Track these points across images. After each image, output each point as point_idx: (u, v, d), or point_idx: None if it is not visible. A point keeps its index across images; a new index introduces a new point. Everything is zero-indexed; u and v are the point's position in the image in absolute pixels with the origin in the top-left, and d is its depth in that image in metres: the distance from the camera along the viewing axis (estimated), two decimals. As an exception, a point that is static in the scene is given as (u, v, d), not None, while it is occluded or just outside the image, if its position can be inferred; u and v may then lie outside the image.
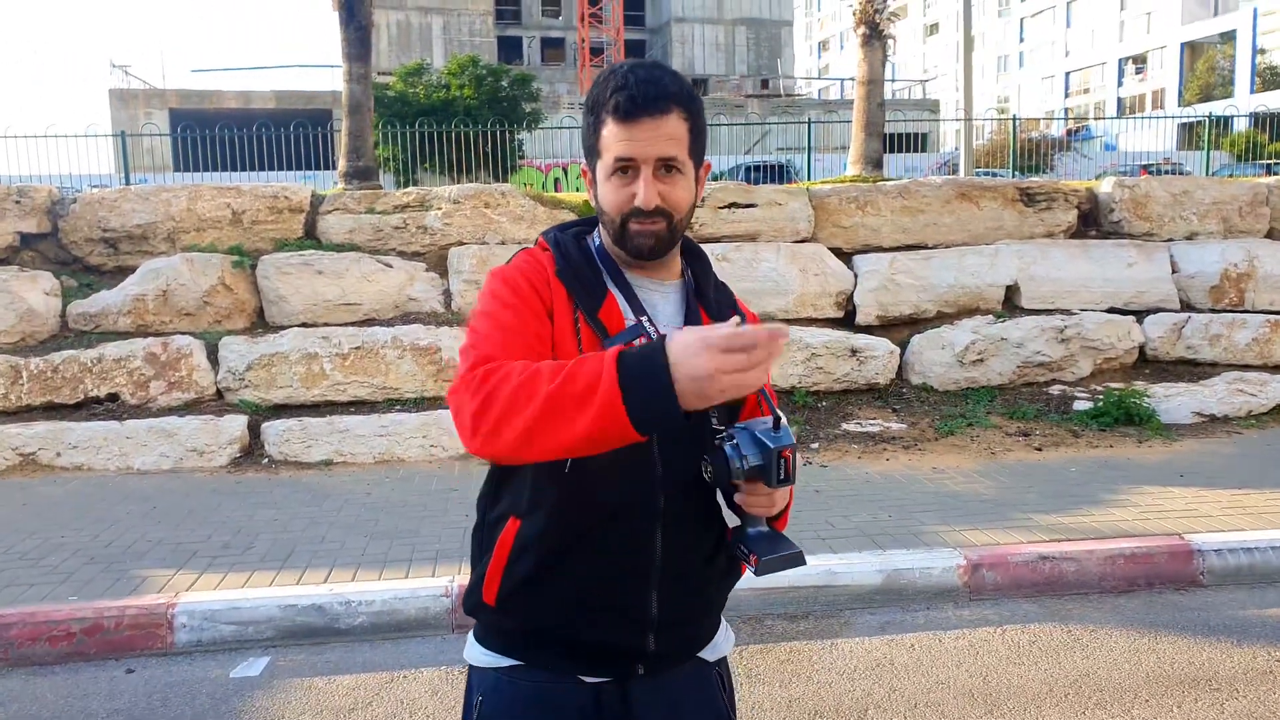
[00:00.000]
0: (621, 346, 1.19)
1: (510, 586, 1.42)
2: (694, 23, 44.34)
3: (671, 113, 1.37)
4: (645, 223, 1.39)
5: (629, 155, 1.36)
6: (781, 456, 1.33)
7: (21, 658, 3.70)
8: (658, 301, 1.47)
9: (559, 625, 1.42)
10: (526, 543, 1.40)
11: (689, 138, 1.39)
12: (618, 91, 1.36)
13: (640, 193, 1.37)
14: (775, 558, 1.39)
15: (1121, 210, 8.16)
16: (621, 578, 1.40)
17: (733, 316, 1.38)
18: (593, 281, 1.43)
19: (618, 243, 1.43)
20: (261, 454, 6.25)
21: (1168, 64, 55.79)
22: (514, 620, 1.45)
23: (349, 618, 3.91)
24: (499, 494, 1.47)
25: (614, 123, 1.37)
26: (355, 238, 7.57)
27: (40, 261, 7.37)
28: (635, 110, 1.35)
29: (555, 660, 1.44)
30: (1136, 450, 6.14)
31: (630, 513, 1.39)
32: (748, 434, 1.35)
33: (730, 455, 1.34)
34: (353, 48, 10.24)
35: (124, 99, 28.97)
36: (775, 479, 1.33)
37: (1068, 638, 3.77)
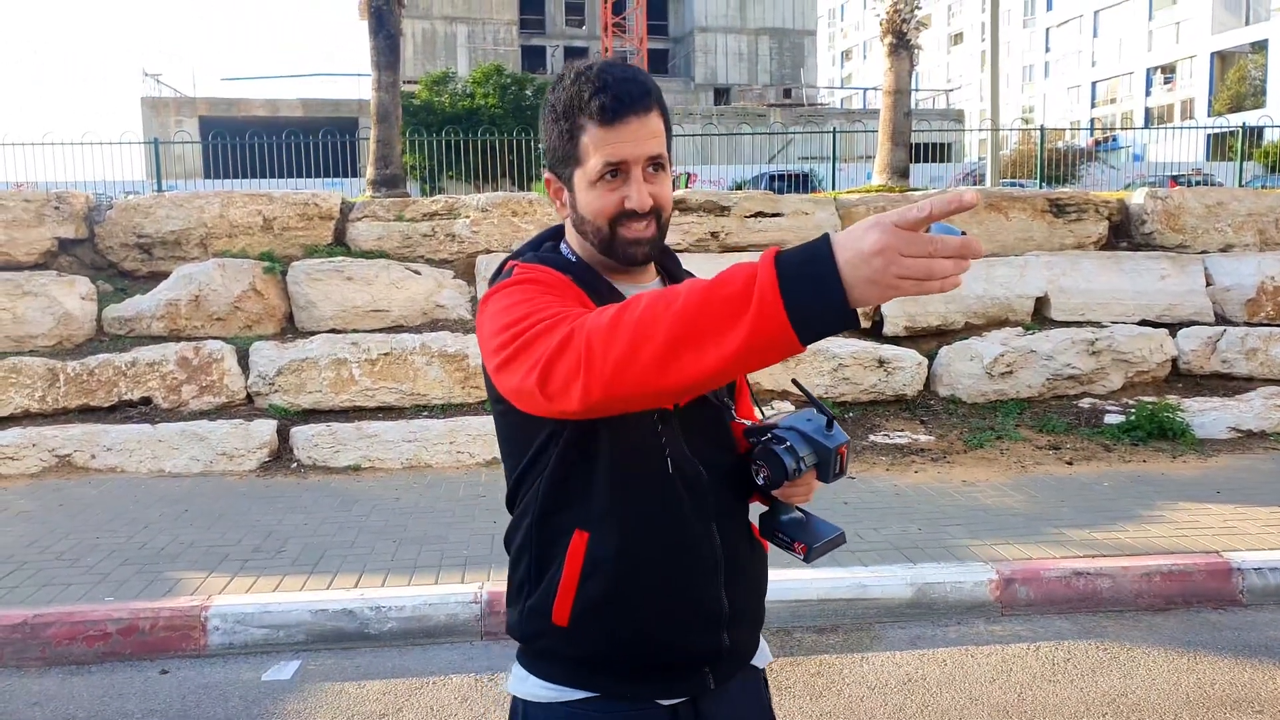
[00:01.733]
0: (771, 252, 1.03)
1: (585, 604, 1.35)
2: (717, 32, 44.40)
3: (653, 110, 1.34)
4: (637, 226, 1.34)
5: (620, 158, 1.31)
6: (839, 454, 1.33)
7: (59, 657, 3.74)
8: None
9: (637, 639, 1.36)
10: (601, 556, 1.34)
11: (665, 134, 1.36)
12: (598, 94, 1.30)
13: (634, 194, 1.32)
14: (823, 544, 1.41)
15: (1154, 222, 8.09)
16: (695, 576, 1.38)
17: None
18: (605, 290, 1.38)
19: (606, 251, 1.38)
20: (291, 458, 6.30)
21: (1197, 74, 55.24)
22: (589, 641, 1.37)
23: (379, 623, 3.92)
24: (556, 504, 1.38)
25: (597, 127, 1.31)
26: (384, 245, 7.62)
27: (77, 266, 7.47)
28: (621, 110, 1.30)
29: (632, 684, 1.38)
30: (1170, 465, 6.07)
31: (689, 512, 1.37)
32: (797, 434, 1.34)
33: (784, 457, 1.32)
34: (381, 56, 10.32)
35: (155, 107, 29.35)
36: (832, 475, 1.34)
37: (1103, 656, 3.72)
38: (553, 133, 1.37)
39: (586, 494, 1.36)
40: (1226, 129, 18.85)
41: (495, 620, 3.95)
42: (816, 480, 1.39)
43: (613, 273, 1.41)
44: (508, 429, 1.43)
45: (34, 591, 4.10)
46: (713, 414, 1.42)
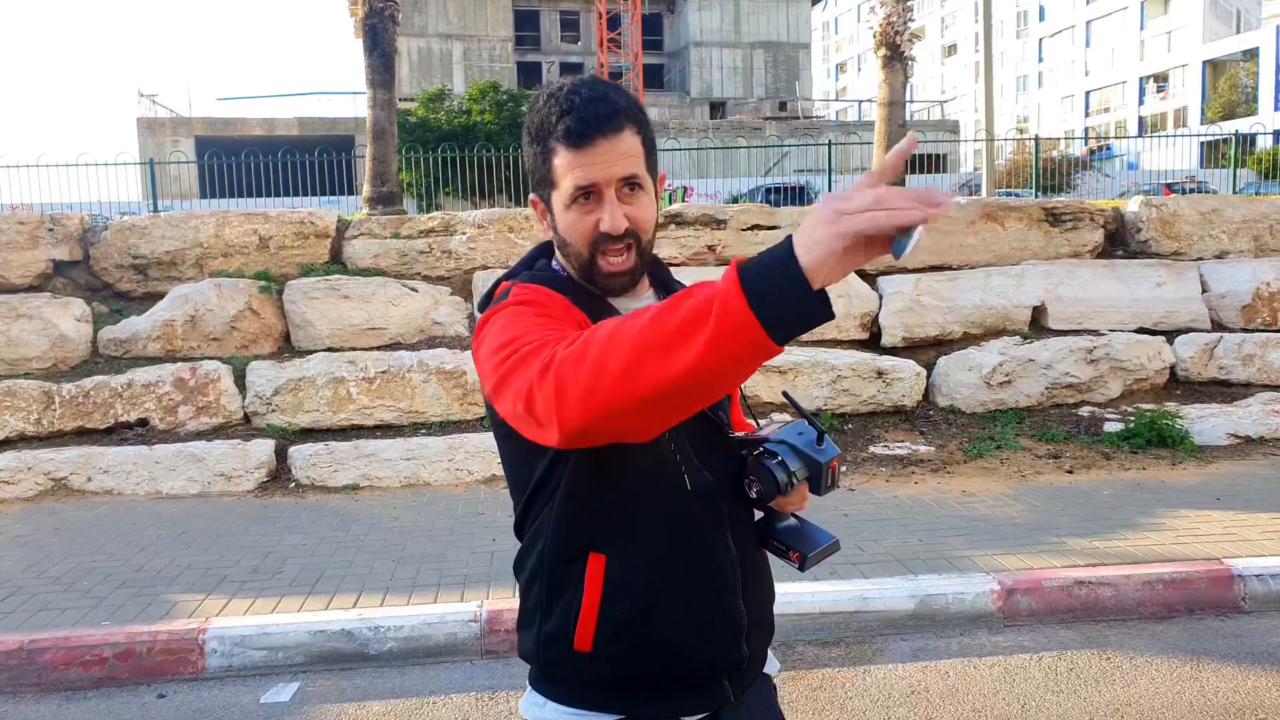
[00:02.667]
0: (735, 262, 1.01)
1: (609, 627, 1.32)
2: (712, 46, 44.59)
3: (624, 130, 1.30)
4: (615, 254, 1.32)
5: (589, 181, 1.29)
6: (830, 468, 1.34)
7: (55, 682, 3.71)
8: None
9: (664, 656, 1.34)
10: (621, 577, 1.32)
11: (644, 152, 1.33)
12: (565, 116, 1.28)
13: (606, 217, 1.29)
14: (818, 552, 1.42)
15: (1149, 230, 8.10)
16: (717, 587, 1.37)
17: None
18: (600, 303, 1.36)
19: (586, 278, 1.36)
20: (288, 478, 6.28)
21: (1190, 82, 55.50)
22: (613, 665, 1.34)
23: (378, 643, 3.89)
24: (569, 527, 1.35)
25: (565, 149, 1.29)
26: (381, 262, 7.63)
27: (72, 288, 7.47)
28: (587, 132, 1.27)
29: (656, 703, 1.36)
30: (1170, 472, 6.05)
31: (708, 520, 1.36)
32: (788, 448, 1.34)
33: (776, 472, 1.33)
34: (377, 74, 10.37)
35: (151, 127, 29.43)
36: (824, 488, 1.34)
37: (1106, 665, 3.70)
38: (530, 155, 1.36)
39: (601, 515, 1.33)
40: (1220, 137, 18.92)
41: (495, 639, 3.93)
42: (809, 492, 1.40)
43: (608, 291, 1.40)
44: (511, 454, 1.41)
45: (30, 616, 4.07)
46: (713, 425, 1.41)
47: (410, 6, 37.34)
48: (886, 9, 11.54)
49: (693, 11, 44.09)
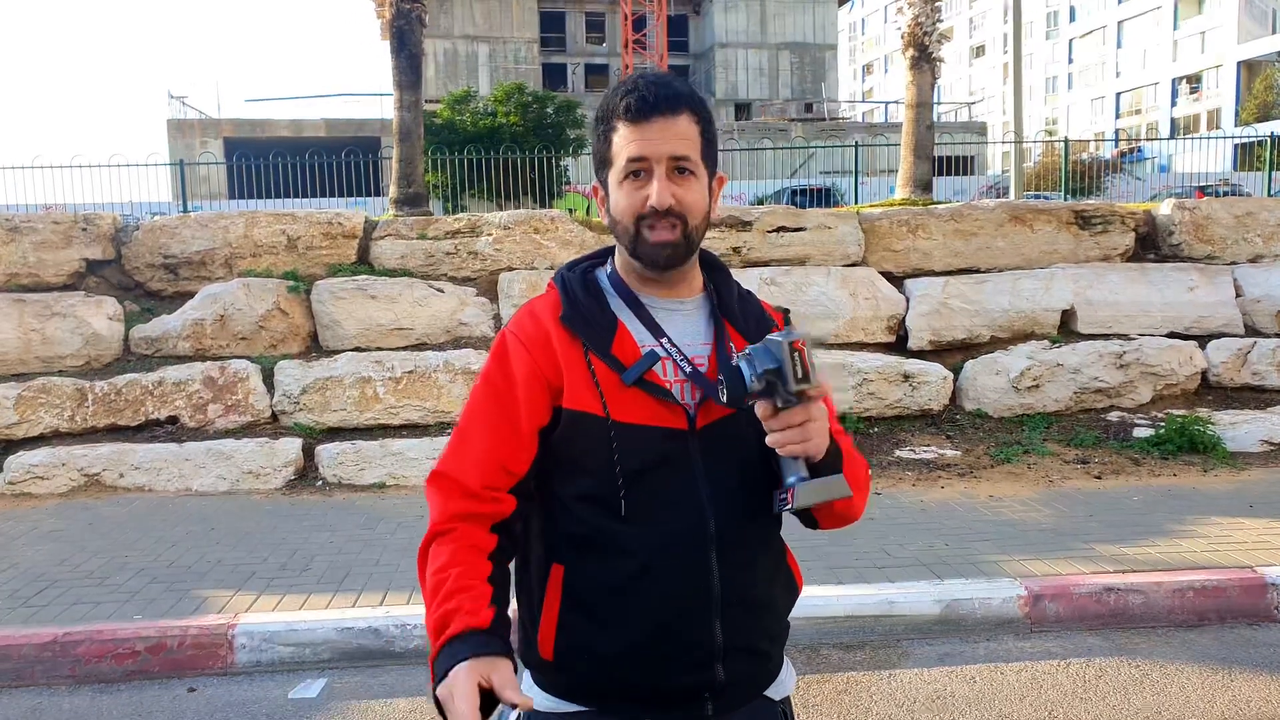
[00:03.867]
0: (458, 630, 1.29)
1: (567, 640, 1.38)
2: (737, 48, 44.51)
3: (682, 113, 1.35)
4: (660, 227, 1.35)
5: (641, 154, 1.34)
6: (794, 348, 1.22)
7: (88, 675, 3.77)
8: (681, 321, 1.43)
9: (622, 673, 1.37)
10: (577, 590, 1.37)
11: (701, 141, 1.37)
12: (628, 95, 1.35)
13: (654, 192, 1.34)
14: (814, 483, 1.27)
15: (1181, 233, 8.00)
16: (683, 611, 1.35)
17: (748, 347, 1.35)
18: (600, 317, 1.39)
19: (633, 253, 1.39)
20: (316, 476, 6.33)
21: (1224, 83, 54.71)
22: (575, 674, 1.39)
23: (404, 640, 3.92)
24: (537, 535, 1.43)
25: (625, 125, 1.35)
26: (407, 263, 7.68)
27: (104, 287, 7.58)
28: (646, 109, 1.34)
29: (624, 706, 1.39)
30: (1202, 479, 5.97)
31: (682, 540, 1.34)
32: (759, 345, 1.26)
33: (743, 367, 1.26)
34: (403, 76, 10.41)
35: (181, 129, 29.78)
36: (792, 379, 1.21)
37: (1136, 673, 3.66)
38: (594, 138, 1.42)
39: (559, 527, 1.39)
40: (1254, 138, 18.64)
41: (517, 638, 3.94)
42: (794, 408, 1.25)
43: (646, 284, 1.43)
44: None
45: (64, 610, 4.13)
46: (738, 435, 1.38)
47: (436, 8, 37.55)
48: (914, 10, 11.44)
49: (718, 13, 44.04)
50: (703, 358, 1.41)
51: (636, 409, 1.35)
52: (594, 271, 1.47)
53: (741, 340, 1.42)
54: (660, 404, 1.36)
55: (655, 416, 1.36)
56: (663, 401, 1.36)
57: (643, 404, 1.35)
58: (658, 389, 1.36)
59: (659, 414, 1.36)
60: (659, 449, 1.35)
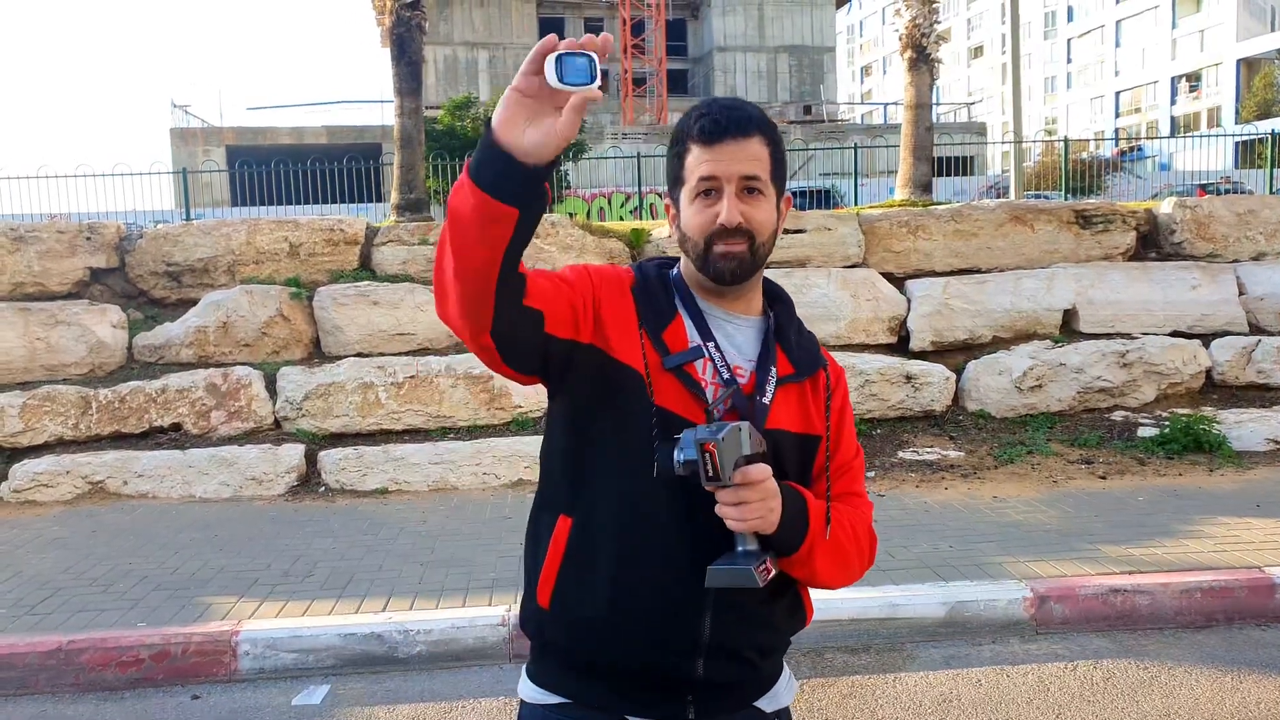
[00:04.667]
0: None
1: (563, 584, 1.40)
2: (736, 51, 44.54)
3: (754, 136, 1.40)
4: (729, 243, 1.39)
5: (713, 174, 1.38)
6: (705, 451, 1.22)
7: (92, 683, 3.76)
8: (732, 332, 1.47)
9: (608, 643, 1.38)
10: (580, 547, 1.40)
11: (771, 163, 1.42)
12: (702, 118, 1.40)
13: (724, 211, 1.38)
14: (723, 568, 1.28)
15: (1183, 231, 7.99)
16: (679, 596, 1.36)
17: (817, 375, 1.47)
18: (663, 302, 1.45)
19: (701, 267, 1.44)
20: (318, 482, 6.33)
21: (1223, 81, 54.71)
22: (562, 626, 1.41)
23: (407, 647, 3.91)
24: (552, 492, 1.47)
25: (698, 147, 1.40)
26: (409, 268, 7.68)
27: (108, 295, 7.58)
28: (719, 132, 1.38)
29: (604, 696, 1.41)
30: (1207, 478, 5.96)
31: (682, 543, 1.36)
32: (690, 432, 1.27)
33: (673, 450, 1.27)
34: (404, 83, 10.44)
35: (184, 137, 29.84)
36: (705, 477, 1.23)
37: (1144, 675, 3.65)
38: (669, 158, 1.47)
39: (572, 479, 1.43)
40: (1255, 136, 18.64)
41: (523, 643, 3.93)
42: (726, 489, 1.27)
43: (711, 295, 1.47)
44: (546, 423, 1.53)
45: (68, 617, 4.13)
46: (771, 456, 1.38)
47: (436, 15, 37.62)
48: (912, 11, 11.46)
49: (716, 16, 44.08)
50: (744, 370, 1.45)
51: (672, 395, 1.39)
52: (666, 269, 1.52)
53: (788, 365, 1.46)
54: (691, 397, 1.39)
55: (685, 408, 1.38)
56: (694, 395, 1.39)
57: (677, 392, 1.39)
58: (692, 381, 1.40)
59: (689, 406, 1.38)
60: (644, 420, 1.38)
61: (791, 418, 1.44)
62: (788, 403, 1.45)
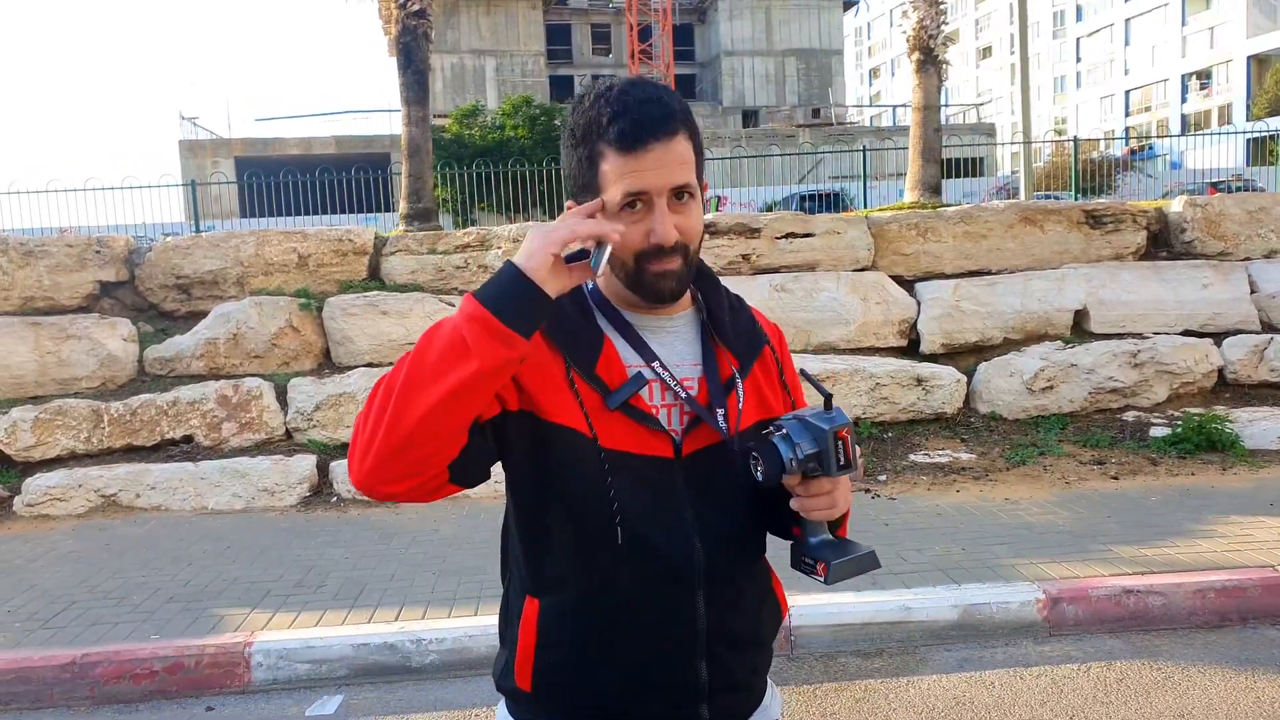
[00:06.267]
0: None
1: (543, 671, 1.30)
2: (744, 55, 44.57)
3: (678, 134, 1.23)
4: (665, 262, 1.25)
5: (641, 188, 1.21)
6: (838, 438, 1.19)
7: (107, 695, 3.78)
8: (668, 340, 1.35)
9: (604, 708, 1.30)
10: (552, 625, 1.29)
11: (694, 159, 1.26)
12: (617, 118, 1.21)
13: (657, 228, 1.22)
14: (847, 560, 1.25)
15: (1194, 230, 7.95)
16: (666, 651, 1.28)
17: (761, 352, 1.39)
18: (586, 332, 1.29)
19: (632, 287, 1.29)
20: (330, 493, 6.35)
21: (1234, 78, 54.41)
22: (551, 709, 1.32)
23: (420, 656, 3.92)
24: (511, 568, 1.37)
25: (616, 154, 1.21)
26: (418, 278, 7.70)
27: (118, 309, 7.63)
28: (641, 136, 1.20)
29: None
30: (1220, 478, 5.92)
31: (668, 577, 1.27)
32: (797, 422, 1.23)
33: (781, 447, 1.21)
34: (411, 91, 10.48)
35: (193, 149, 30.01)
36: (834, 465, 1.20)
37: (1157, 675, 3.62)
38: (571, 159, 1.28)
39: (539, 560, 1.31)
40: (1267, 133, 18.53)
41: (535, 651, 3.93)
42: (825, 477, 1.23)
43: (632, 306, 1.33)
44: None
45: (82, 631, 4.15)
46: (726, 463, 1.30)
47: (443, 24, 37.79)
48: (919, 13, 11.45)
49: (724, 21, 44.14)
50: (693, 380, 1.33)
51: (623, 435, 1.27)
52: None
53: (729, 359, 1.35)
54: (647, 431, 1.28)
55: (642, 444, 1.28)
56: (649, 428, 1.28)
57: (628, 430, 1.27)
58: (644, 415, 1.28)
59: (645, 441, 1.28)
60: (647, 478, 1.27)
61: (750, 410, 1.35)
62: (751, 399, 1.36)
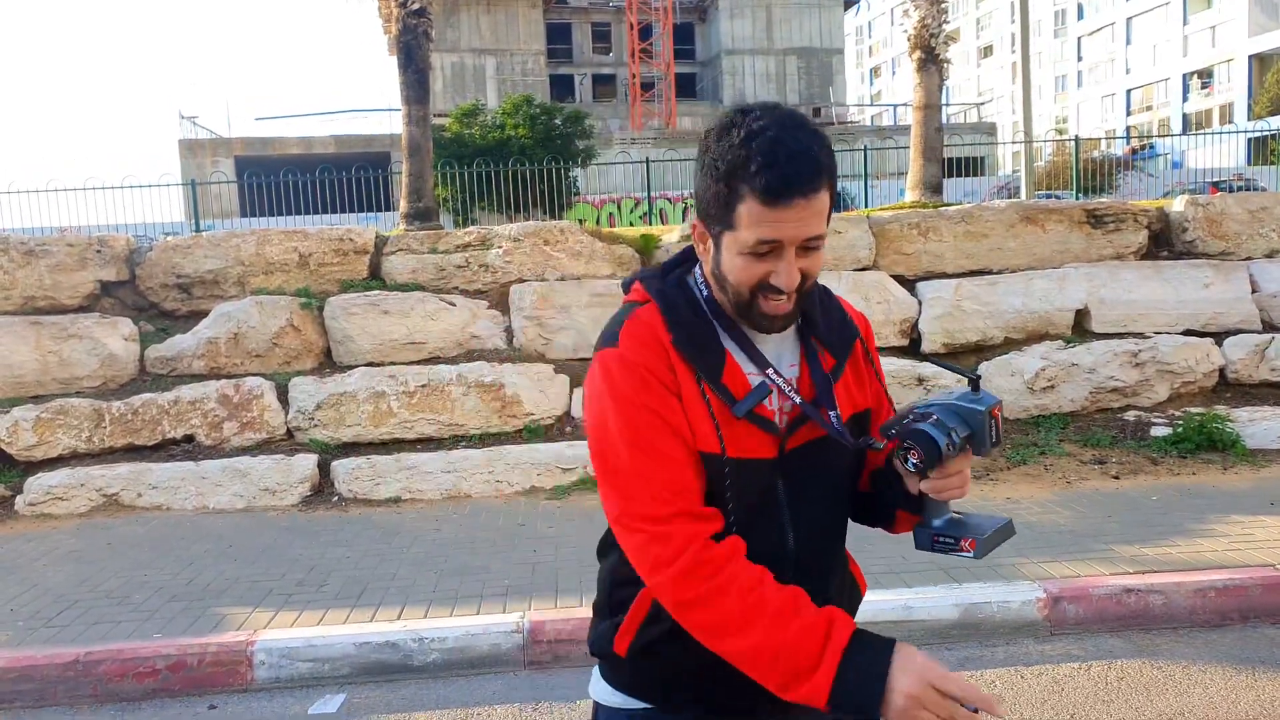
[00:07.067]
0: (848, 629, 1.24)
1: (641, 645, 1.41)
2: (744, 54, 44.56)
3: (822, 189, 1.25)
4: (778, 303, 1.30)
5: (777, 238, 1.25)
6: (992, 416, 1.22)
7: (110, 694, 3.79)
8: (774, 341, 1.41)
9: (693, 680, 1.39)
10: (660, 613, 1.36)
11: (830, 206, 1.30)
12: (765, 170, 1.22)
13: (783, 274, 1.27)
14: (993, 534, 1.28)
15: (1195, 229, 7.95)
16: None
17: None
18: (711, 344, 1.35)
19: (741, 314, 1.35)
20: (331, 492, 6.36)
21: (1235, 77, 54.39)
22: (642, 675, 1.44)
23: (422, 655, 3.93)
24: (618, 553, 1.43)
25: (757, 203, 1.23)
26: (419, 277, 7.71)
27: (119, 308, 7.64)
28: (788, 193, 1.22)
29: (689, 708, 1.42)
30: (1221, 477, 5.92)
31: (763, 565, 1.33)
32: (944, 408, 1.24)
33: (934, 432, 1.22)
34: (411, 90, 10.49)
35: (193, 149, 30.01)
36: (989, 443, 1.23)
37: (1158, 674, 3.63)
38: (709, 188, 1.29)
39: None
40: (1268, 132, 18.53)
41: (538, 650, 3.95)
42: (972, 454, 1.27)
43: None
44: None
45: (85, 630, 4.16)
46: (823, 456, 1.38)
47: (443, 22, 37.80)
48: (920, 12, 11.44)
49: (724, 20, 44.12)
50: (793, 379, 1.40)
51: (745, 442, 1.34)
52: (690, 288, 1.40)
53: (828, 356, 1.42)
54: (762, 434, 1.35)
55: (759, 448, 1.35)
56: (765, 432, 1.36)
57: (749, 436, 1.34)
58: (766, 422, 1.35)
59: (762, 444, 1.36)
60: (755, 479, 1.35)
61: (844, 405, 1.42)
62: (842, 393, 1.43)
